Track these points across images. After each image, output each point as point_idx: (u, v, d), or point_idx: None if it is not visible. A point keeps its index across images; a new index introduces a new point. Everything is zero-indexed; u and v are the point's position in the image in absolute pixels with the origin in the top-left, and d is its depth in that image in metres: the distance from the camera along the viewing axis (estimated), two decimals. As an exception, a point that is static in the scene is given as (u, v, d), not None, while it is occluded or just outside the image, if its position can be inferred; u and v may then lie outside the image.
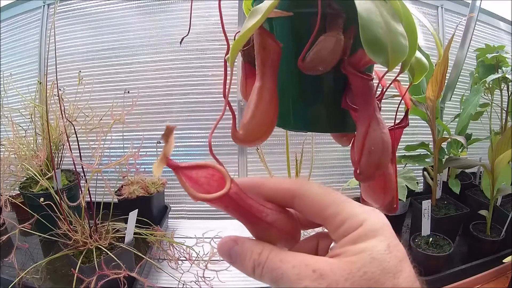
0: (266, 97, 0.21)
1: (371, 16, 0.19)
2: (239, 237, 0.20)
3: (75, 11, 1.23)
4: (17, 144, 0.96)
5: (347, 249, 0.17)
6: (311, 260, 0.17)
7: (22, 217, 1.00)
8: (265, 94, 0.21)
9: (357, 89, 0.23)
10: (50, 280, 0.77)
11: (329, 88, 0.25)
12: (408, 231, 1.01)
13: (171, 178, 1.21)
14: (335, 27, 0.21)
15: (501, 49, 1.02)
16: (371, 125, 0.22)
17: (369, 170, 0.22)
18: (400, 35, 0.20)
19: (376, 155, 0.22)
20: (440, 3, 1.34)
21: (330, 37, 0.21)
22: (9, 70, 1.29)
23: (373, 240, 0.17)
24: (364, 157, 0.22)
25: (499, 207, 0.96)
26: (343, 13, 0.22)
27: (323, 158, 1.25)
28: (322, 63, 0.21)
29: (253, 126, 0.22)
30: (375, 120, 0.22)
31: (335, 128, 0.27)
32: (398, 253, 0.17)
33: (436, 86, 0.83)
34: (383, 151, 0.22)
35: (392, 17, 0.21)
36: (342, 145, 0.29)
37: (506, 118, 1.04)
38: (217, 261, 0.87)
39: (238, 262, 0.20)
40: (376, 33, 0.19)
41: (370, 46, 0.19)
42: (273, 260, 0.18)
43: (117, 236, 0.75)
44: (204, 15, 1.17)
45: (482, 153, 1.32)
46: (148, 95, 1.20)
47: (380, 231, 0.17)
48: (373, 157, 0.22)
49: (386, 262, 0.16)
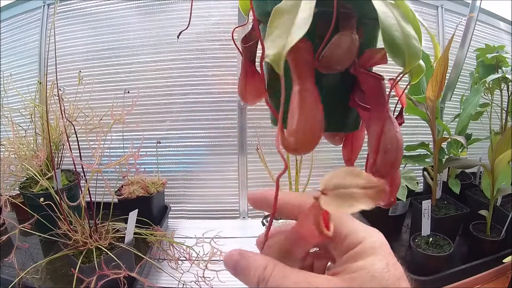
0: (310, 99, 0.21)
1: (388, 19, 0.20)
2: (245, 251, 0.21)
3: (75, 11, 1.23)
4: (17, 144, 0.96)
5: (347, 266, 0.18)
6: (313, 278, 0.18)
7: (22, 217, 1.01)
8: (308, 96, 0.21)
9: (370, 89, 0.23)
10: (50, 280, 0.77)
11: (331, 87, 0.25)
12: (408, 231, 1.01)
13: (171, 178, 1.22)
14: (348, 27, 0.21)
15: (501, 49, 1.02)
16: (386, 125, 0.22)
17: (385, 169, 0.22)
18: (413, 38, 0.21)
19: (392, 154, 0.22)
20: (440, 3, 1.34)
21: (346, 36, 0.21)
22: (9, 70, 1.29)
23: (372, 258, 0.18)
24: (380, 157, 0.22)
25: (499, 207, 0.96)
26: (356, 13, 0.22)
27: (323, 158, 1.25)
28: (340, 63, 0.21)
29: (303, 131, 0.21)
30: (389, 119, 0.23)
31: (335, 127, 0.27)
32: (396, 272, 0.18)
33: (436, 86, 0.83)
34: (398, 150, 0.22)
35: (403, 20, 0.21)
36: (333, 144, 0.30)
37: (506, 118, 1.04)
38: (217, 261, 0.87)
39: (243, 276, 0.20)
40: (394, 36, 0.20)
41: (390, 48, 0.20)
42: (277, 276, 0.19)
43: (117, 236, 0.75)
44: (204, 15, 1.17)
45: (482, 153, 1.32)
46: (148, 95, 1.20)
47: (379, 250, 0.18)
48: (389, 156, 0.22)
49: (385, 280, 0.17)
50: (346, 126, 0.27)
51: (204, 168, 1.24)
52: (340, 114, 0.26)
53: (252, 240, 1.02)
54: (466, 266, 0.83)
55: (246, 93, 0.29)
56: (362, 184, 0.15)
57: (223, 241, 0.97)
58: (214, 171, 1.24)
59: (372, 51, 0.23)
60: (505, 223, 0.88)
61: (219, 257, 0.88)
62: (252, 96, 0.29)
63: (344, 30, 0.21)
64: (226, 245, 0.94)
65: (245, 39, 0.28)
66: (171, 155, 1.23)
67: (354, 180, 0.15)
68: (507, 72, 0.95)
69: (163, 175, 1.15)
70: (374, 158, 0.22)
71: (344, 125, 0.27)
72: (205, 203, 1.25)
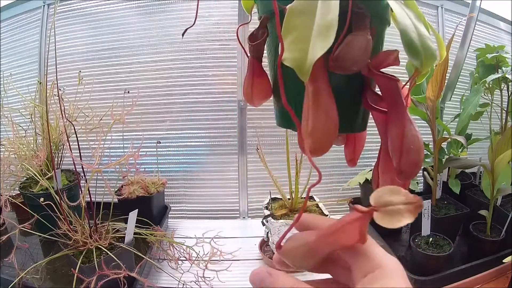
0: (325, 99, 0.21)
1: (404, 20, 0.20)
2: (273, 270, 0.22)
3: (75, 11, 1.23)
4: (17, 144, 0.96)
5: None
6: None
7: (22, 217, 1.01)
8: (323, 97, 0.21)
9: (387, 91, 0.23)
10: (50, 280, 0.77)
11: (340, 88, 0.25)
12: (408, 231, 1.01)
13: (171, 178, 1.22)
14: (362, 27, 0.21)
15: (501, 49, 1.02)
16: (407, 126, 0.23)
17: (410, 169, 0.23)
18: (428, 39, 0.21)
19: (415, 154, 0.22)
20: (440, 3, 1.34)
21: (361, 36, 0.21)
22: (9, 70, 1.29)
23: (389, 282, 0.19)
24: (404, 158, 0.22)
25: (499, 207, 0.96)
26: (369, 13, 0.22)
27: (323, 158, 1.25)
28: (355, 63, 0.21)
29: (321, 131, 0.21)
30: (408, 120, 0.23)
31: (344, 128, 0.27)
32: None
33: (436, 86, 0.83)
34: (420, 150, 0.23)
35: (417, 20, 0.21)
36: (336, 145, 0.30)
37: (506, 118, 1.04)
38: (217, 261, 0.87)
39: None
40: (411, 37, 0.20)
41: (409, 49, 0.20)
42: None
43: (117, 236, 0.75)
44: (204, 15, 1.17)
45: (482, 153, 1.32)
46: (148, 95, 1.20)
47: (395, 274, 0.20)
48: (412, 156, 0.22)
49: None
50: (354, 127, 0.27)
51: (204, 168, 1.24)
52: (349, 115, 0.26)
53: (252, 240, 1.03)
54: (466, 266, 0.83)
55: (253, 94, 0.28)
56: (404, 201, 0.17)
57: (223, 241, 0.97)
58: (214, 171, 1.24)
59: (386, 53, 0.23)
60: (505, 223, 0.88)
61: (219, 257, 0.88)
62: (259, 97, 0.28)
63: (357, 31, 0.21)
64: (226, 245, 0.94)
65: (253, 37, 0.27)
66: (171, 155, 1.23)
67: (397, 197, 0.17)
68: (507, 72, 0.95)
69: (163, 175, 1.15)
70: (398, 160, 0.23)
71: (352, 126, 0.27)
72: (205, 203, 1.25)
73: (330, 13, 0.19)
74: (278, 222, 0.83)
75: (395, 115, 0.23)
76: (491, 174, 0.87)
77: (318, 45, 0.18)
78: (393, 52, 0.23)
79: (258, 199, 1.23)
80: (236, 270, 0.87)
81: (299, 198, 0.93)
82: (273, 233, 0.85)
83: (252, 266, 0.90)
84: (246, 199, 1.23)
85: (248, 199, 1.23)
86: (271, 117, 1.22)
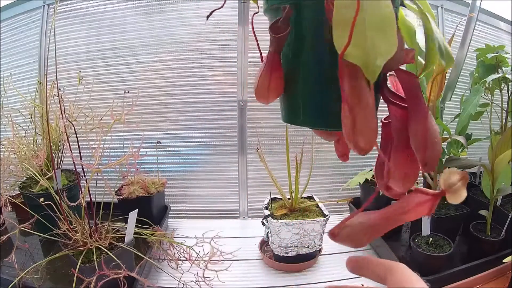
0: (366, 98, 0.20)
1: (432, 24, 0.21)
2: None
3: (75, 11, 1.23)
4: (17, 144, 0.95)
5: None
6: None
7: (22, 217, 1.01)
8: (364, 95, 0.20)
9: (409, 87, 0.24)
10: (50, 280, 0.77)
11: None
12: (408, 231, 1.01)
13: (171, 178, 1.22)
14: None
15: (501, 49, 1.02)
16: (429, 120, 0.23)
17: (434, 161, 0.24)
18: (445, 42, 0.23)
19: (438, 147, 0.24)
20: (440, 3, 1.34)
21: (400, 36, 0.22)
22: (9, 70, 1.29)
23: None
24: (429, 150, 0.23)
25: (499, 207, 0.96)
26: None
27: (323, 158, 1.25)
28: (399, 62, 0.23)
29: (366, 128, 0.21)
30: (429, 115, 0.23)
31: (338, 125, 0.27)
32: None
33: (436, 86, 0.83)
34: (440, 142, 0.24)
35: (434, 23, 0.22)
36: (327, 140, 0.30)
37: (506, 118, 1.04)
38: (217, 261, 0.87)
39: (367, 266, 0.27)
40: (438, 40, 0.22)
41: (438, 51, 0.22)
42: None
43: (117, 236, 0.75)
44: (204, 15, 1.17)
45: (482, 153, 1.32)
46: (148, 95, 1.20)
47: None
48: (436, 148, 0.23)
49: None
50: None
51: (204, 168, 1.24)
52: None
53: (252, 240, 1.03)
54: (466, 266, 0.83)
55: (270, 90, 0.27)
56: (459, 178, 0.20)
57: (223, 241, 0.97)
58: (214, 171, 1.24)
59: (407, 50, 0.24)
60: (505, 223, 0.88)
61: (219, 257, 0.88)
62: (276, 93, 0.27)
63: None
64: (226, 245, 0.94)
65: (276, 29, 0.25)
66: (171, 155, 1.23)
67: (456, 176, 0.20)
68: (507, 72, 0.95)
69: (163, 175, 1.15)
70: (423, 153, 0.23)
71: None
72: (205, 203, 1.25)
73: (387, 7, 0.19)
74: (278, 222, 0.83)
75: (415, 110, 0.23)
76: (491, 174, 0.87)
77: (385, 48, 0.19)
78: (411, 51, 0.23)
79: (258, 199, 1.23)
80: (236, 270, 0.87)
81: (299, 198, 0.93)
82: (273, 233, 0.85)
83: (252, 266, 0.90)
84: (246, 199, 1.23)
85: (248, 199, 1.23)
86: (271, 117, 1.22)
